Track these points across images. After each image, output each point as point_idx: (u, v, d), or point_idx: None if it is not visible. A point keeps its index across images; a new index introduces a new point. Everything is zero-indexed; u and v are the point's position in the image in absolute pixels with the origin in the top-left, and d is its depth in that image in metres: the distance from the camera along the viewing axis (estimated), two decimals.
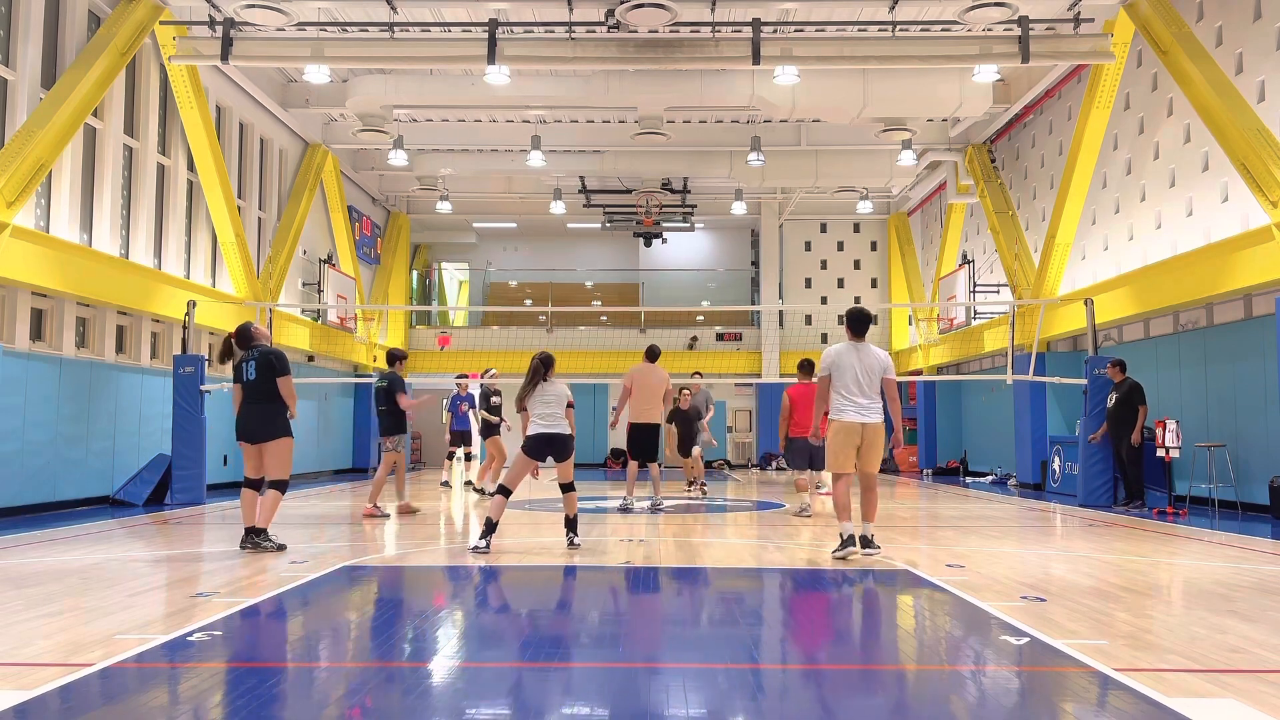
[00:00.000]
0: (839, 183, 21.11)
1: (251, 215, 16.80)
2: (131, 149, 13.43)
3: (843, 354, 7.03)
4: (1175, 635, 4.51)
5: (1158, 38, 11.69)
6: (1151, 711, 3.31)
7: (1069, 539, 8.73)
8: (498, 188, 22.37)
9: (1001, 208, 17.54)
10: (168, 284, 13.52)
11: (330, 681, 3.79)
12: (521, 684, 3.75)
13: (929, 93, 15.35)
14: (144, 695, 3.55)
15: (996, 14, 12.03)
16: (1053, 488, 14.78)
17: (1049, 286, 15.12)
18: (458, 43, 13.13)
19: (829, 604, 5.72)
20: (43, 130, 10.48)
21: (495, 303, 26.45)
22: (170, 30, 12.97)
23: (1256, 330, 11.20)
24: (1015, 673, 3.93)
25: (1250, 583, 6.05)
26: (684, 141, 18.89)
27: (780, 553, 7.72)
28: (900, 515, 10.93)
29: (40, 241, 10.85)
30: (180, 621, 4.75)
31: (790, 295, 24.57)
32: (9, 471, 10.54)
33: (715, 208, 23.57)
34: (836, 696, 3.68)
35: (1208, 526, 9.68)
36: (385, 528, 9.56)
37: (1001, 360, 16.74)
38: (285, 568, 6.58)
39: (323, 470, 19.45)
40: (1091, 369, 12.40)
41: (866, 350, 7.07)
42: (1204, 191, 12.15)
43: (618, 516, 10.52)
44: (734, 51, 12.72)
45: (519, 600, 5.79)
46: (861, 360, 7.00)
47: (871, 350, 7.10)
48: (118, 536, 8.61)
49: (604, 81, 15.37)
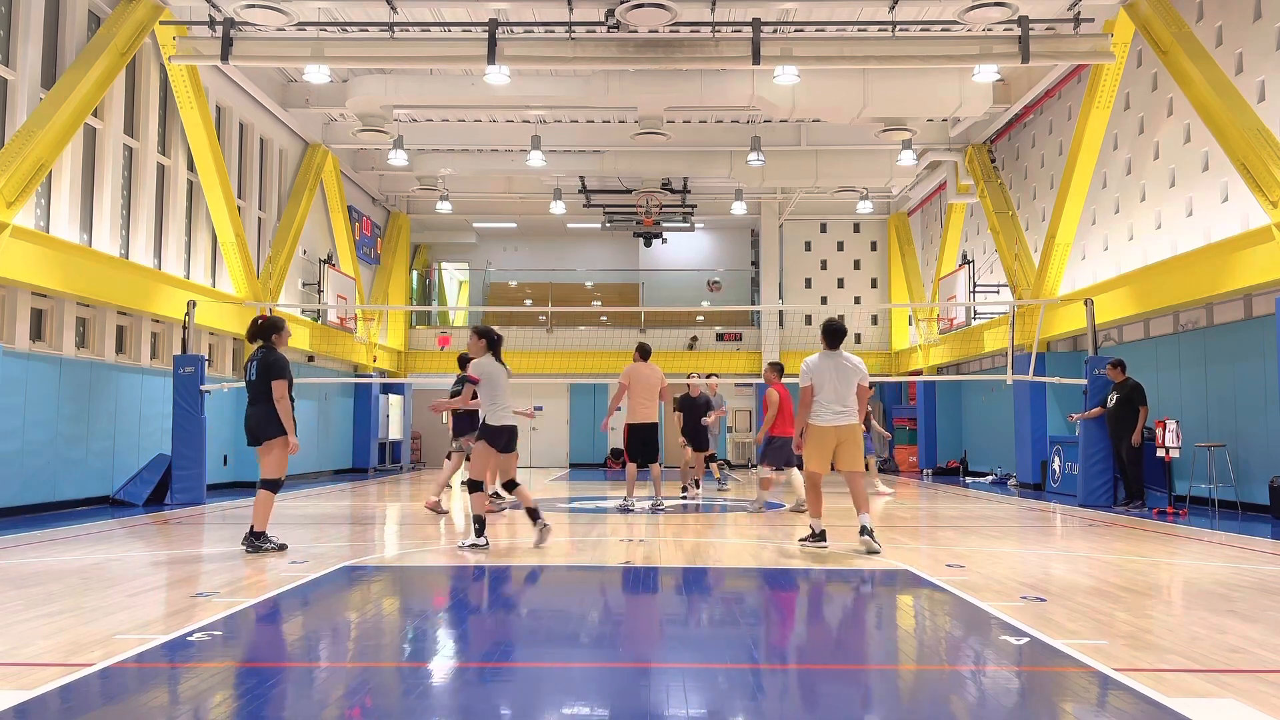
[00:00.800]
0: (839, 183, 21.11)
1: (251, 215, 16.80)
2: (131, 149, 13.43)
3: (820, 364, 7.55)
4: (1175, 635, 4.51)
5: (1158, 38, 11.69)
6: (1151, 711, 3.31)
7: (1069, 539, 8.73)
8: (498, 188, 22.38)
9: (1001, 208, 17.54)
10: (168, 284, 13.51)
11: (330, 681, 3.79)
12: (521, 684, 3.75)
13: (929, 93, 15.35)
14: (144, 695, 3.55)
15: (996, 14, 12.04)
16: (1053, 488, 14.78)
17: (1049, 287, 15.12)
18: (458, 43, 13.13)
19: (829, 604, 5.72)
20: (43, 130, 10.48)
21: (495, 303, 26.45)
22: (170, 30, 12.97)
23: (1256, 330, 11.20)
24: (1015, 673, 3.93)
25: (1250, 583, 6.05)
26: (684, 141, 18.89)
27: (780, 553, 7.72)
28: (900, 515, 10.93)
29: (40, 241, 10.85)
30: (180, 621, 4.75)
31: (790, 295, 24.57)
32: (9, 471, 10.54)
33: (715, 208, 23.58)
34: (836, 697, 3.68)
35: (1208, 526, 9.68)
36: (386, 528, 9.57)
37: (1001, 360, 16.75)
38: (285, 568, 6.58)
39: (322, 470, 19.45)
40: (1091, 369, 12.41)
41: (841, 359, 7.58)
42: (1204, 191, 12.15)
43: (618, 516, 10.52)
44: (734, 51, 12.72)
45: (518, 600, 5.79)
46: (838, 369, 7.52)
47: (847, 359, 7.60)
48: (118, 536, 8.61)
49: (604, 81, 15.38)
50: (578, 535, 8.71)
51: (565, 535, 8.70)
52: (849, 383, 7.50)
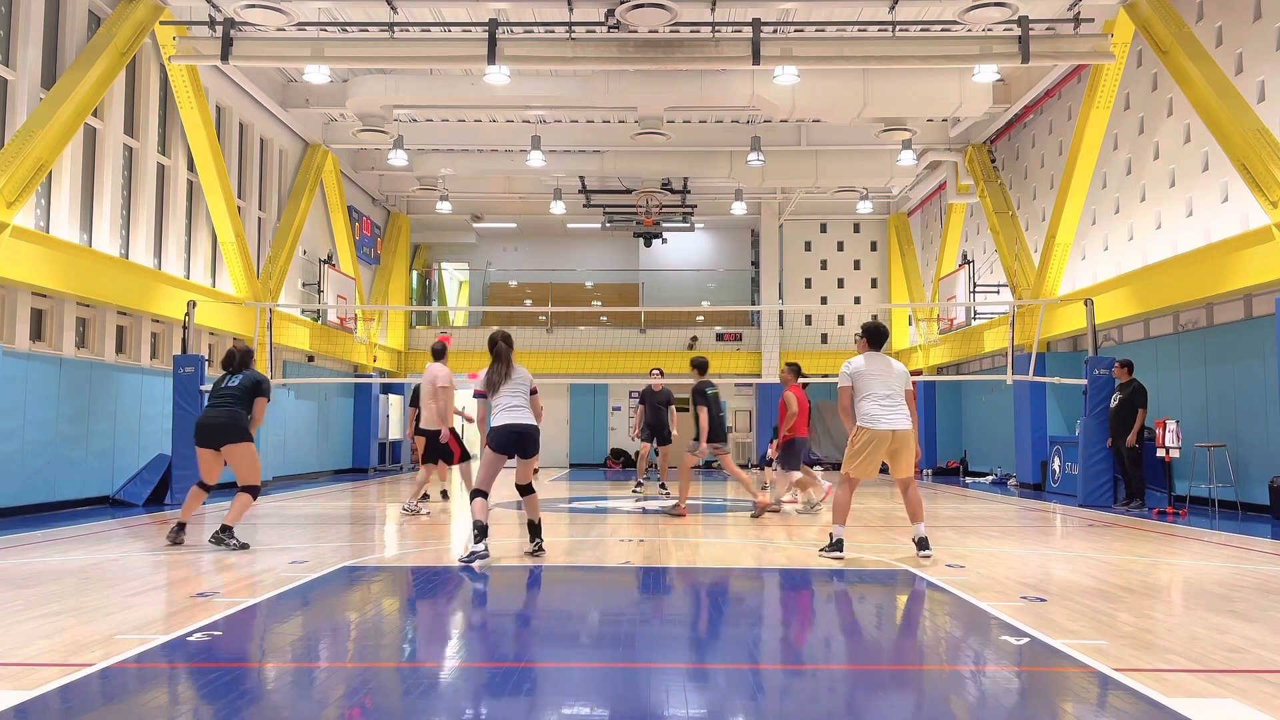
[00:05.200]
0: (839, 183, 21.11)
1: (251, 215, 16.80)
2: (131, 149, 13.43)
3: (867, 366, 7.13)
4: (1175, 635, 4.51)
5: (1158, 38, 11.69)
6: (1151, 711, 3.31)
7: (1069, 539, 8.73)
8: (498, 188, 22.38)
9: (1001, 208, 17.54)
10: (168, 284, 13.51)
11: (330, 681, 3.79)
12: (521, 684, 3.75)
13: (929, 93, 15.36)
14: (144, 695, 3.55)
15: (996, 14, 12.04)
16: (1053, 488, 14.78)
17: (1049, 287, 15.12)
18: (458, 43, 13.13)
19: (829, 604, 5.72)
20: (43, 130, 10.48)
21: (495, 303, 26.45)
22: (170, 30, 12.97)
23: (1256, 330, 11.20)
24: (1015, 673, 3.93)
25: (1250, 583, 6.05)
26: (684, 141, 18.89)
27: (780, 553, 7.72)
28: (900, 515, 10.93)
29: (40, 241, 10.85)
30: (180, 621, 4.75)
31: (790, 295, 24.57)
32: (9, 471, 10.54)
33: (715, 208, 23.57)
34: (836, 697, 3.68)
35: (1208, 526, 9.68)
36: (384, 528, 9.56)
37: (1001, 360, 16.74)
38: (285, 568, 6.58)
39: (322, 470, 19.45)
40: (1091, 369, 12.40)
41: (887, 362, 7.20)
42: (1204, 191, 12.15)
43: (618, 516, 10.51)
44: (734, 51, 12.72)
45: (518, 600, 5.79)
46: (885, 371, 7.11)
47: (891, 362, 7.22)
48: (118, 536, 8.61)
49: (604, 81, 15.38)
50: (577, 535, 8.71)
51: (565, 535, 8.70)
52: (898, 385, 7.09)
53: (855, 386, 7.10)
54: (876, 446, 6.98)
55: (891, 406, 7.00)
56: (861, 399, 7.06)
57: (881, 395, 7.01)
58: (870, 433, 6.98)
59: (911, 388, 7.24)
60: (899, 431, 6.96)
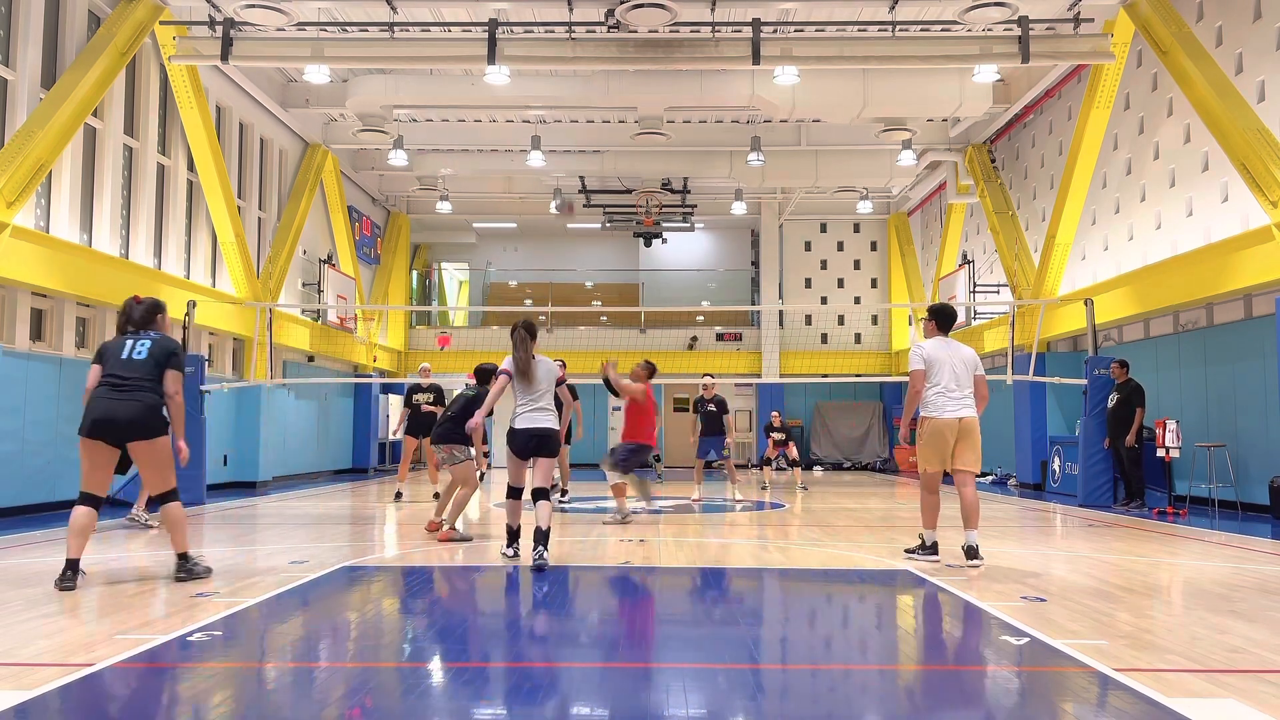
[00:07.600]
0: (839, 183, 21.11)
1: (251, 215, 16.79)
2: (131, 149, 13.43)
3: (937, 350, 6.86)
4: (1175, 635, 4.51)
5: (1158, 38, 11.69)
6: (1151, 711, 3.31)
7: (1069, 539, 8.73)
8: (497, 188, 22.38)
9: (1001, 208, 17.54)
10: (168, 284, 13.51)
11: (330, 681, 3.79)
12: (521, 684, 3.75)
13: (929, 93, 15.36)
14: (144, 695, 3.55)
15: (996, 14, 12.04)
16: (1053, 488, 14.78)
17: (1049, 286, 15.12)
18: (458, 43, 13.13)
19: (829, 604, 5.72)
20: (43, 130, 10.48)
21: (495, 303, 26.45)
22: (170, 30, 12.97)
23: (1256, 330, 11.20)
24: (1015, 673, 3.93)
25: (1250, 583, 6.05)
26: (684, 141, 18.88)
27: (780, 553, 7.72)
28: (900, 515, 10.93)
29: (40, 241, 10.85)
30: (180, 621, 4.75)
31: (790, 295, 24.57)
32: (9, 471, 10.54)
33: (715, 208, 23.57)
34: (836, 697, 3.68)
35: (1208, 526, 9.68)
36: (386, 528, 9.55)
37: (1001, 360, 16.74)
38: (285, 568, 6.58)
39: (322, 470, 19.45)
40: (1091, 369, 12.40)
41: (956, 347, 6.91)
42: (1204, 191, 12.15)
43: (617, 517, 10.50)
44: (734, 51, 12.72)
45: (518, 600, 5.79)
46: (955, 356, 6.84)
47: (961, 347, 6.92)
48: (117, 537, 8.61)
49: (604, 81, 15.38)
50: (577, 535, 8.71)
51: (565, 536, 8.69)
52: (967, 371, 6.80)
53: (929, 372, 6.81)
54: (943, 435, 6.75)
55: (959, 394, 6.75)
56: (930, 387, 6.80)
57: (949, 383, 6.76)
58: (934, 421, 6.77)
59: (982, 373, 6.92)
60: (965, 419, 6.74)
